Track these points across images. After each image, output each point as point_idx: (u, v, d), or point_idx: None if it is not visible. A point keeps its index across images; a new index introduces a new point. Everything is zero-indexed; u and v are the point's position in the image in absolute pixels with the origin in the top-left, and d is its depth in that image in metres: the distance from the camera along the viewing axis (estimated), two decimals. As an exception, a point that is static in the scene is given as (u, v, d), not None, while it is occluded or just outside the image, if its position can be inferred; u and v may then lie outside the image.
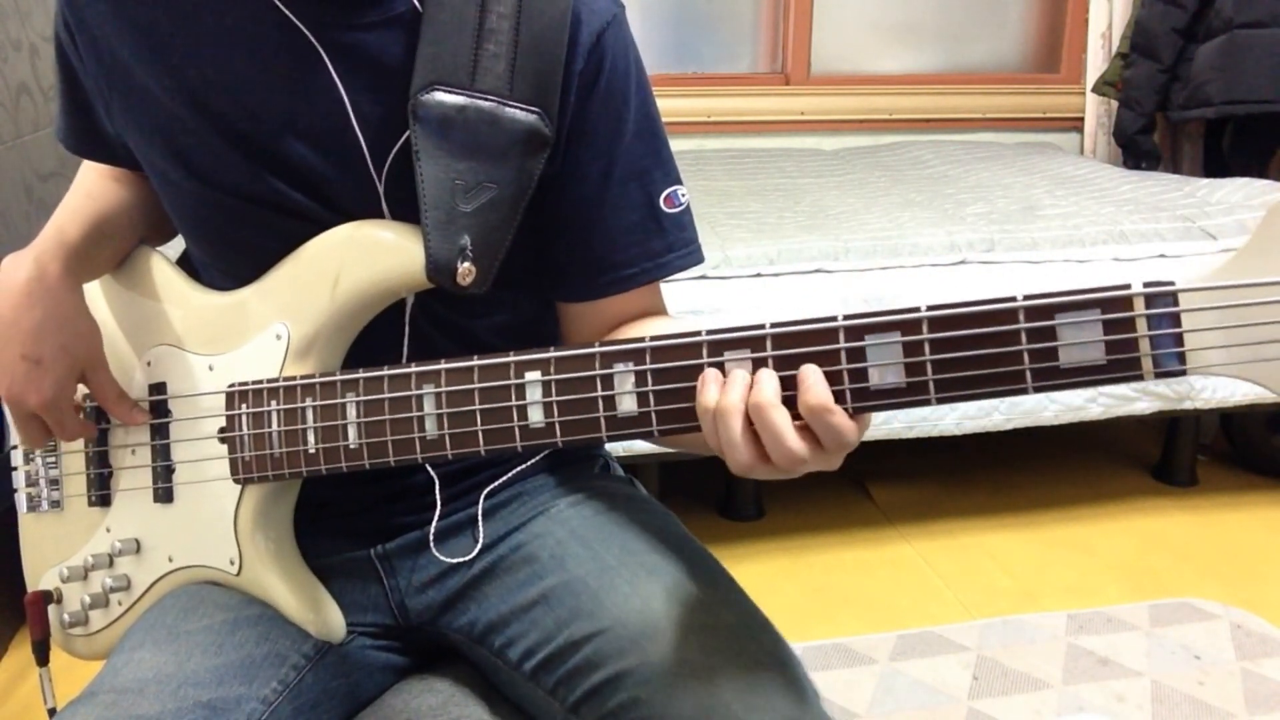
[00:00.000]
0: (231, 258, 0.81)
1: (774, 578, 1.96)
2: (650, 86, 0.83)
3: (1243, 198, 2.25)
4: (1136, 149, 2.93)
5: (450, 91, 0.73)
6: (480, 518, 0.86)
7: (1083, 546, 2.05)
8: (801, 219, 2.21)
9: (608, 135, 0.79)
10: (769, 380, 0.60)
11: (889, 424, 1.94)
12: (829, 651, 1.70)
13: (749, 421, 0.60)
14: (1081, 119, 3.24)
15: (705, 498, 2.23)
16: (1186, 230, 2.10)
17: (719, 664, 0.70)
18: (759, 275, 1.94)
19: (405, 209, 0.75)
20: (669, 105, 3.04)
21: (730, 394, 0.60)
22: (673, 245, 0.84)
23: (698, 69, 3.19)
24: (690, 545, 0.83)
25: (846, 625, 1.79)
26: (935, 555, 2.02)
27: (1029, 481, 2.32)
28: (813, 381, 0.59)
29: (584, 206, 0.81)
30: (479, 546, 0.84)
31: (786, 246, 1.98)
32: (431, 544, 0.85)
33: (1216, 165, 2.90)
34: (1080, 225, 2.11)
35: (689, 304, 1.85)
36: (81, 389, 0.84)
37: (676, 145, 3.05)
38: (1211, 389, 2.02)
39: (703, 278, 1.91)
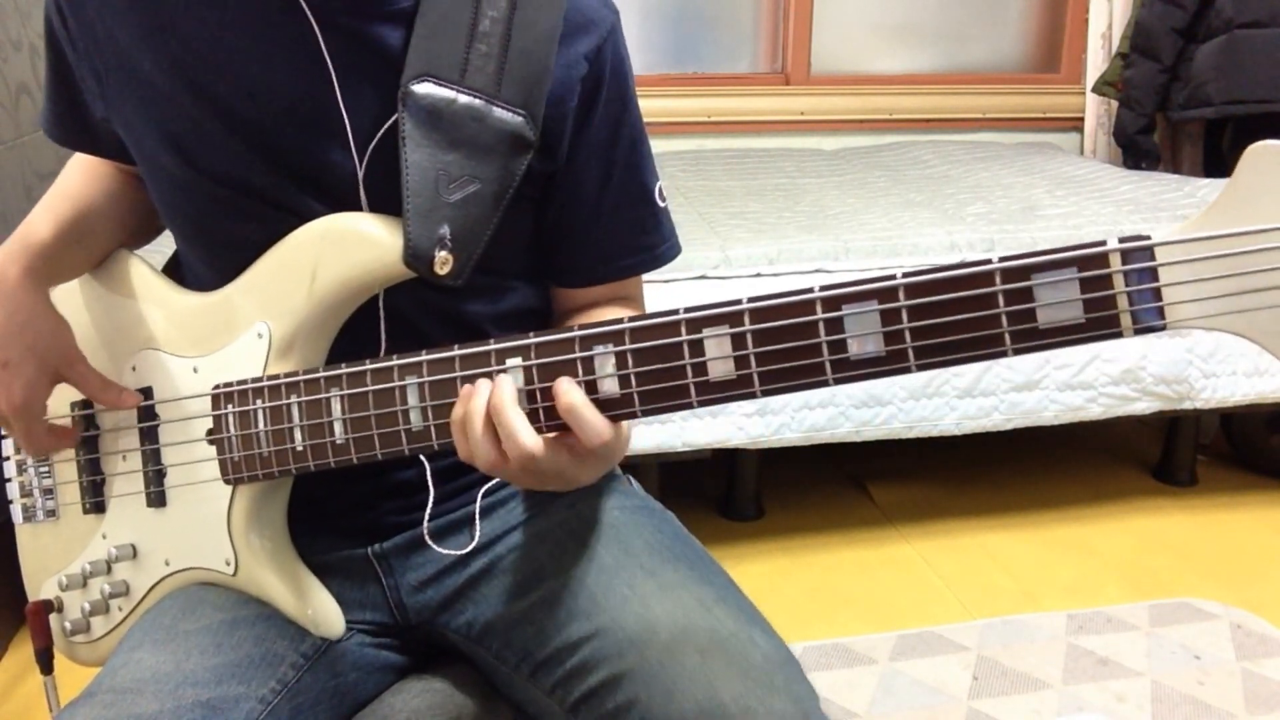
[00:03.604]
0: (218, 252, 0.81)
1: (774, 578, 1.96)
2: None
3: (1243, 197, 2.24)
4: (1136, 149, 2.93)
5: (441, 84, 0.74)
6: (478, 515, 0.86)
7: (1083, 546, 2.05)
8: (801, 219, 2.21)
9: (609, 136, 0.82)
10: (507, 385, 0.65)
11: (889, 424, 1.94)
12: (829, 651, 1.70)
13: (490, 423, 0.65)
14: (1081, 119, 3.24)
15: (705, 498, 2.23)
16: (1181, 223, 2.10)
17: (715, 665, 0.70)
18: (759, 275, 1.94)
19: (385, 200, 0.75)
20: (669, 105, 3.05)
21: (475, 400, 0.65)
22: (665, 237, 0.89)
23: (698, 69, 3.18)
24: (688, 545, 0.83)
25: (846, 625, 1.79)
26: (935, 555, 2.02)
27: (1029, 481, 2.32)
28: (566, 387, 0.64)
29: (587, 202, 0.83)
30: (474, 543, 0.85)
31: (786, 246, 1.98)
32: (426, 535, 0.85)
33: (1216, 165, 2.89)
34: (1080, 225, 2.11)
35: (689, 304, 1.85)
36: (70, 398, 0.84)
37: (676, 145, 3.04)
38: (1211, 389, 2.02)
39: (703, 278, 1.91)
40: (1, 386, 0.78)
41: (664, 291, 1.87)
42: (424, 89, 0.74)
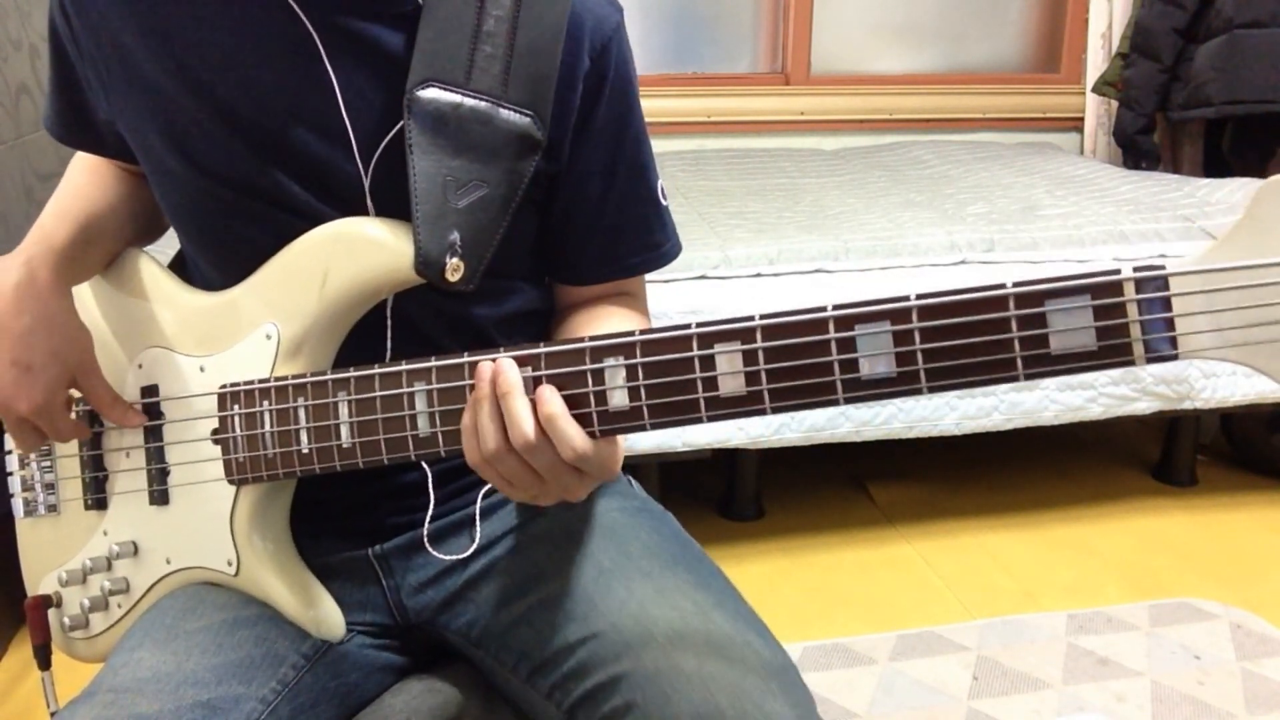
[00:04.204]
0: (224, 254, 0.81)
1: (774, 578, 1.96)
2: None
3: (1243, 198, 2.24)
4: (1136, 149, 2.93)
5: (446, 89, 0.74)
6: (478, 517, 0.86)
7: (1083, 546, 2.05)
8: (801, 219, 2.21)
9: (613, 135, 0.82)
10: (513, 372, 0.65)
11: (889, 424, 1.94)
12: (829, 651, 1.70)
13: (498, 410, 0.65)
14: (1081, 119, 3.24)
15: (705, 498, 2.23)
16: (1186, 230, 2.10)
17: (713, 670, 0.69)
18: (759, 275, 1.94)
19: (392, 204, 0.75)
20: (669, 105, 3.04)
21: (482, 386, 0.66)
22: (669, 236, 0.89)
23: (698, 69, 3.18)
24: (686, 547, 0.83)
25: (846, 625, 1.79)
26: (935, 555, 2.02)
27: (1029, 481, 2.32)
28: (548, 396, 0.64)
29: (592, 201, 0.83)
30: (474, 545, 0.85)
31: (786, 246, 1.98)
32: (425, 541, 0.85)
33: (1216, 165, 2.89)
34: (1080, 225, 2.11)
35: (689, 304, 1.85)
36: (74, 392, 0.83)
37: (676, 145, 3.05)
38: (1211, 389, 2.02)
39: (703, 278, 1.91)
40: (23, 389, 0.78)
41: (664, 291, 1.87)
42: (429, 94, 0.74)
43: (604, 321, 0.83)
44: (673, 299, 1.86)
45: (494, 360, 0.66)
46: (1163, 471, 2.32)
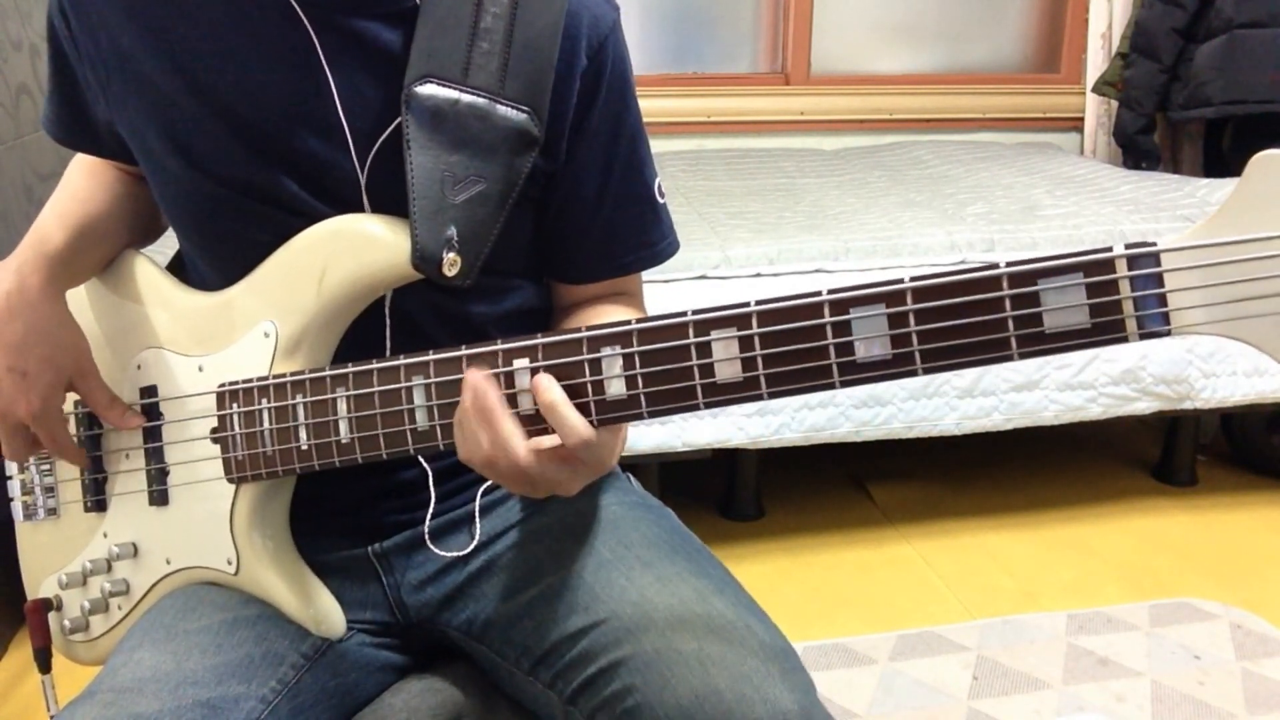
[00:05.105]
0: (222, 252, 0.81)
1: (774, 578, 1.96)
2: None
3: (1243, 197, 2.24)
4: (1136, 149, 2.93)
5: (443, 85, 0.74)
6: (478, 514, 0.86)
7: (1083, 546, 2.05)
8: (801, 219, 2.21)
9: (609, 133, 0.82)
10: (493, 393, 0.65)
11: (889, 424, 1.94)
12: (829, 651, 1.70)
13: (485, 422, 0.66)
14: (1081, 119, 3.24)
15: (705, 498, 2.23)
16: (1186, 230, 2.10)
17: (712, 653, 0.70)
18: (759, 275, 1.94)
19: (389, 201, 0.76)
20: (669, 105, 3.04)
21: (465, 399, 0.66)
22: (665, 234, 0.89)
23: (698, 69, 3.18)
24: (686, 539, 0.84)
25: (846, 625, 1.79)
26: (935, 555, 2.02)
27: (1029, 481, 2.32)
28: (545, 384, 0.65)
29: (588, 200, 0.84)
30: (475, 543, 0.85)
31: (786, 246, 1.98)
32: (427, 538, 0.85)
33: (1216, 165, 2.89)
34: (1080, 225, 2.11)
35: (689, 304, 1.83)
36: (72, 396, 0.84)
37: (676, 145, 3.04)
38: (1211, 389, 2.02)
39: (703, 278, 1.91)
40: (20, 394, 0.79)
41: (664, 291, 1.87)
42: (427, 90, 0.74)
43: (601, 319, 0.83)
44: (673, 299, 1.86)
45: (483, 376, 0.66)
46: (1163, 471, 2.32)
